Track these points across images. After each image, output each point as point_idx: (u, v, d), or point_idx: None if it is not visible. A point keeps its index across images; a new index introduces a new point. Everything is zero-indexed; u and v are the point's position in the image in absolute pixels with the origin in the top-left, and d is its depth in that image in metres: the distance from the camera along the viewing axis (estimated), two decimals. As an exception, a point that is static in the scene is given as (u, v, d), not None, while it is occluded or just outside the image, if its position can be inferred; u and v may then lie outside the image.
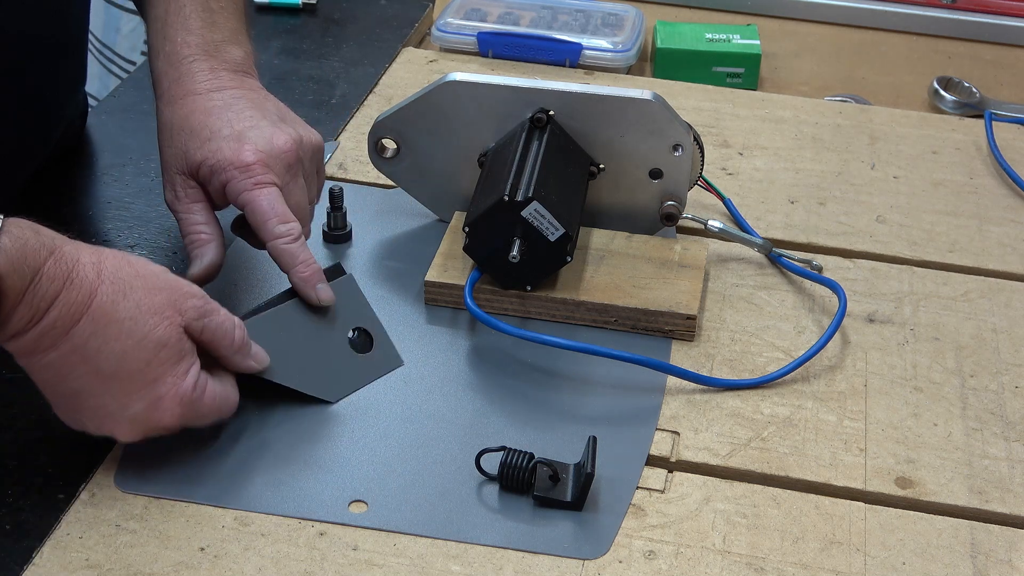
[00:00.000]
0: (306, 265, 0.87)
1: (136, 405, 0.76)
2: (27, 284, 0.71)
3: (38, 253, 0.71)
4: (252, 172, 0.86)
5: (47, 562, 0.74)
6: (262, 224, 0.86)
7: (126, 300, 0.74)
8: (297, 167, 0.89)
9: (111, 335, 0.74)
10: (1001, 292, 0.99)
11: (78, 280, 0.73)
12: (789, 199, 1.10)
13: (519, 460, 0.79)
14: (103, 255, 0.75)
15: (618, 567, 0.75)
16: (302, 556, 0.75)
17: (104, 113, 1.19)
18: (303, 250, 0.87)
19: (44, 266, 0.71)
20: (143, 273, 0.76)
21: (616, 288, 0.94)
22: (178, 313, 0.76)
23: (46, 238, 0.73)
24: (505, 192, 0.89)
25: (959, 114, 1.26)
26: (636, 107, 0.96)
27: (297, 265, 0.86)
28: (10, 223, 0.71)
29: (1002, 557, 0.77)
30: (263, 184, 0.86)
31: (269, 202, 0.86)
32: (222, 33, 0.93)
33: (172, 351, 0.76)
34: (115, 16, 1.88)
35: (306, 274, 0.87)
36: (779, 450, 0.83)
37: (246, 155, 0.86)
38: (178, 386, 0.76)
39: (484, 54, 1.31)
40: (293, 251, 0.86)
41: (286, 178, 0.88)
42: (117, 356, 0.74)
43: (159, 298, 0.76)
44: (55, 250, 0.72)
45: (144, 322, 0.75)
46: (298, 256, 0.86)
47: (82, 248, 0.74)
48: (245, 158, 0.86)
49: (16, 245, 0.70)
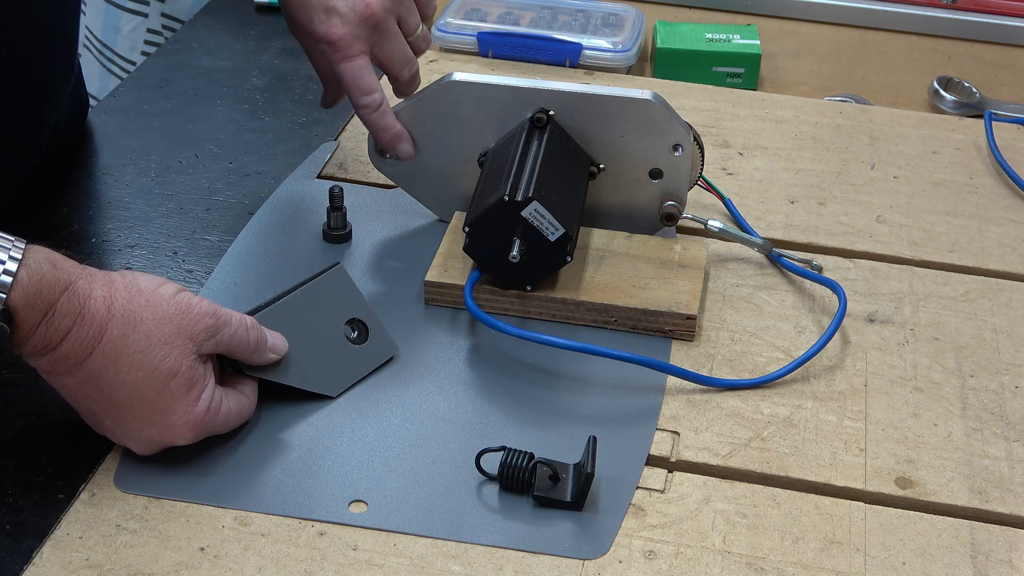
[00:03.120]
0: (384, 130, 0.97)
1: (150, 430, 0.78)
2: (40, 318, 0.72)
3: (53, 288, 0.72)
4: (338, 47, 0.95)
5: (47, 562, 0.74)
6: (349, 96, 0.97)
7: (136, 333, 0.75)
8: (386, 20, 0.96)
9: (122, 368, 0.75)
10: (1001, 292, 0.99)
11: (89, 316, 0.74)
12: (789, 199, 1.10)
13: (519, 460, 0.79)
14: (115, 288, 0.75)
15: (618, 567, 0.75)
16: (302, 556, 0.75)
17: (104, 113, 1.19)
18: (382, 117, 0.97)
19: (58, 302, 0.73)
20: (153, 302, 0.76)
21: (616, 288, 0.94)
22: (189, 340, 0.77)
23: (62, 272, 0.73)
24: (505, 192, 0.89)
25: (959, 114, 1.26)
26: (636, 107, 0.96)
27: (377, 131, 0.97)
28: (30, 254, 0.72)
29: (1002, 557, 0.77)
30: (349, 57, 0.95)
31: (352, 76, 0.95)
32: None
33: (183, 380, 0.77)
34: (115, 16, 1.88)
35: (385, 138, 0.98)
36: (779, 450, 0.83)
37: (333, 31, 0.94)
38: (190, 413, 0.77)
39: (484, 54, 1.31)
40: (373, 120, 0.97)
41: (376, 38, 0.96)
42: (129, 387, 0.75)
43: (168, 328, 0.76)
44: (69, 285, 0.73)
45: (154, 354, 0.75)
46: (377, 123, 0.97)
47: (95, 281, 0.75)
48: (332, 34, 0.94)
49: (33, 280, 0.71)
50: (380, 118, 0.97)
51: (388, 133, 0.97)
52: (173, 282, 0.79)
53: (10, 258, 0.71)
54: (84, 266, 0.76)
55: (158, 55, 1.30)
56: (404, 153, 0.98)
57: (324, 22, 0.95)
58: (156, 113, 1.18)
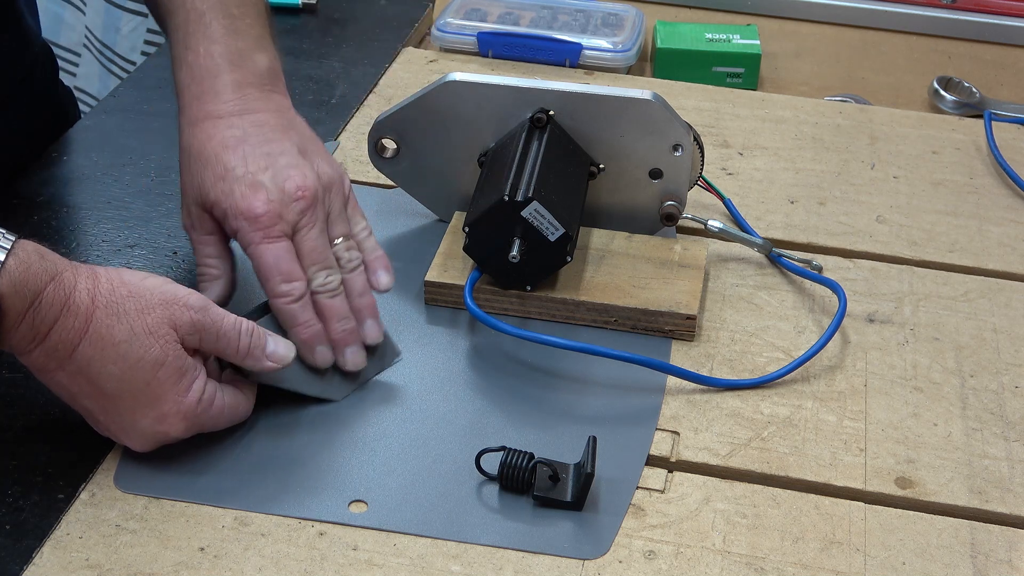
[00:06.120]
0: (306, 325, 0.83)
1: (143, 422, 0.77)
2: (27, 307, 0.72)
3: (40, 277, 0.73)
4: (260, 224, 0.82)
5: (47, 562, 0.74)
6: (265, 282, 0.83)
7: (120, 323, 0.75)
8: (315, 209, 0.84)
9: (109, 358, 0.75)
10: (1001, 292, 0.99)
11: (74, 307, 0.74)
12: (789, 199, 1.10)
13: (519, 460, 0.79)
14: (98, 279, 0.76)
15: (618, 567, 0.75)
16: (302, 556, 0.75)
17: (104, 113, 1.19)
18: (303, 311, 0.83)
19: (45, 291, 0.73)
20: (137, 292, 0.76)
21: (616, 288, 0.94)
22: (173, 329, 0.77)
23: (49, 263, 0.74)
24: (505, 192, 0.89)
25: (959, 114, 1.26)
26: (636, 107, 0.96)
27: (296, 326, 0.83)
28: (18, 246, 0.72)
29: (1002, 557, 0.77)
30: (271, 239, 0.83)
31: (275, 258, 0.82)
32: (246, 40, 0.90)
33: (171, 369, 0.76)
34: (115, 16, 1.88)
35: (304, 336, 0.83)
36: (779, 450, 0.83)
37: (256, 205, 0.83)
38: (180, 403, 0.77)
39: (484, 54, 1.31)
40: (294, 312, 0.83)
41: (302, 223, 0.84)
42: (117, 378, 0.76)
43: (152, 317, 0.76)
44: (56, 276, 0.74)
45: (139, 344, 0.75)
46: (298, 317, 0.83)
47: (80, 273, 0.75)
48: (255, 209, 0.82)
49: (20, 268, 0.72)
50: (303, 311, 0.83)
51: (310, 329, 0.83)
52: (161, 276, 0.78)
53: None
54: (71, 260, 0.76)
55: (158, 55, 1.30)
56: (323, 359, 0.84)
57: (247, 197, 0.83)
58: (156, 113, 1.18)
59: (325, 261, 0.84)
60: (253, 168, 0.84)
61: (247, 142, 0.85)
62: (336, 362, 0.85)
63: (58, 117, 1.18)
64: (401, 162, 1.01)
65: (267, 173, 0.84)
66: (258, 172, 0.84)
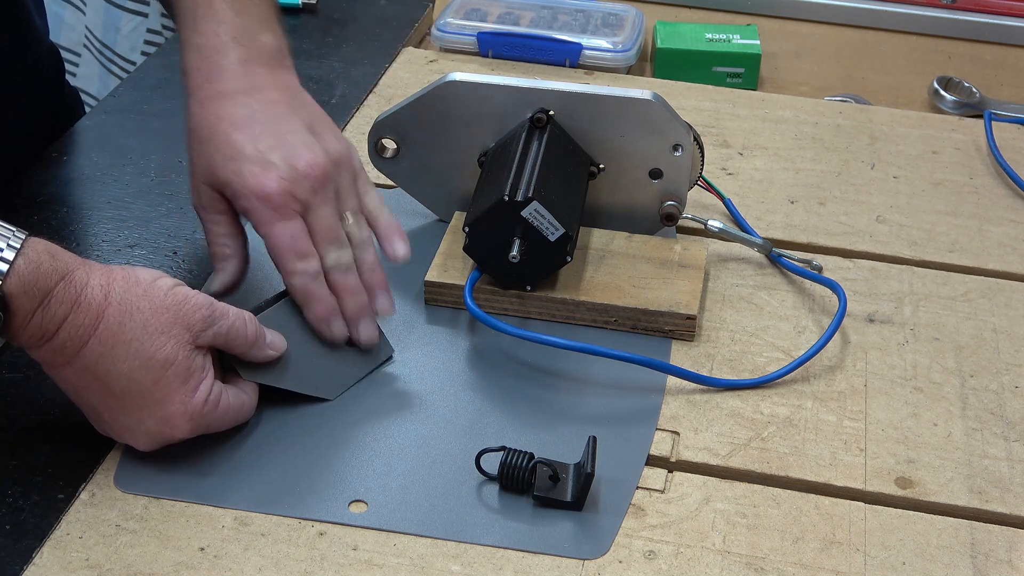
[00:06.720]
0: (321, 302, 0.84)
1: (148, 421, 0.77)
2: (36, 306, 0.72)
3: (50, 277, 0.73)
4: (273, 203, 0.83)
5: (47, 562, 0.74)
6: (280, 260, 0.83)
7: (132, 321, 0.75)
8: (326, 187, 0.85)
9: (118, 356, 0.75)
10: (1001, 292, 0.99)
11: (85, 303, 0.74)
12: (789, 199, 1.10)
13: (519, 460, 0.79)
14: (113, 276, 0.76)
15: (618, 567, 0.75)
16: (302, 556, 0.75)
17: (104, 113, 1.19)
18: (319, 287, 0.84)
19: (55, 290, 0.73)
20: (150, 292, 0.76)
21: (616, 288, 0.94)
22: (185, 330, 0.77)
23: (60, 263, 0.74)
24: (505, 192, 0.89)
25: (959, 114, 1.26)
26: (636, 107, 0.96)
27: (312, 302, 0.84)
28: (29, 245, 0.72)
29: (1002, 557, 0.77)
30: (285, 218, 0.83)
31: (290, 238, 0.83)
32: (252, 19, 0.90)
33: (179, 369, 0.76)
34: (115, 16, 1.88)
35: (320, 312, 0.84)
36: (779, 450, 0.83)
37: (268, 185, 0.82)
38: (187, 404, 0.77)
39: (484, 54, 1.31)
40: (310, 289, 0.84)
41: (314, 201, 0.84)
42: (125, 376, 0.75)
43: (165, 317, 0.76)
44: (67, 274, 0.74)
45: (150, 342, 0.75)
46: (314, 294, 0.84)
47: (94, 271, 0.75)
48: (267, 188, 0.82)
49: (30, 268, 0.72)
50: (319, 287, 0.84)
51: (325, 304, 0.84)
52: (171, 276, 0.79)
53: (8, 247, 0.71)
54: (83, 258, 0.76)
55: (158, 55, 1.30)
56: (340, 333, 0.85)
57: (258, 176, 0.83)
58: (156, 113, 1.18)
59: (337, 239, 0.85)
60: (263, 147, 0.84)
61: (256, 120, 0.85)
62: (351, 337, 0.86)
63: (62, 118, 1.18)
64: (401, 162, 1.01)
65: (277, 152, 0.84)
66: (268, 151, 0.84)
